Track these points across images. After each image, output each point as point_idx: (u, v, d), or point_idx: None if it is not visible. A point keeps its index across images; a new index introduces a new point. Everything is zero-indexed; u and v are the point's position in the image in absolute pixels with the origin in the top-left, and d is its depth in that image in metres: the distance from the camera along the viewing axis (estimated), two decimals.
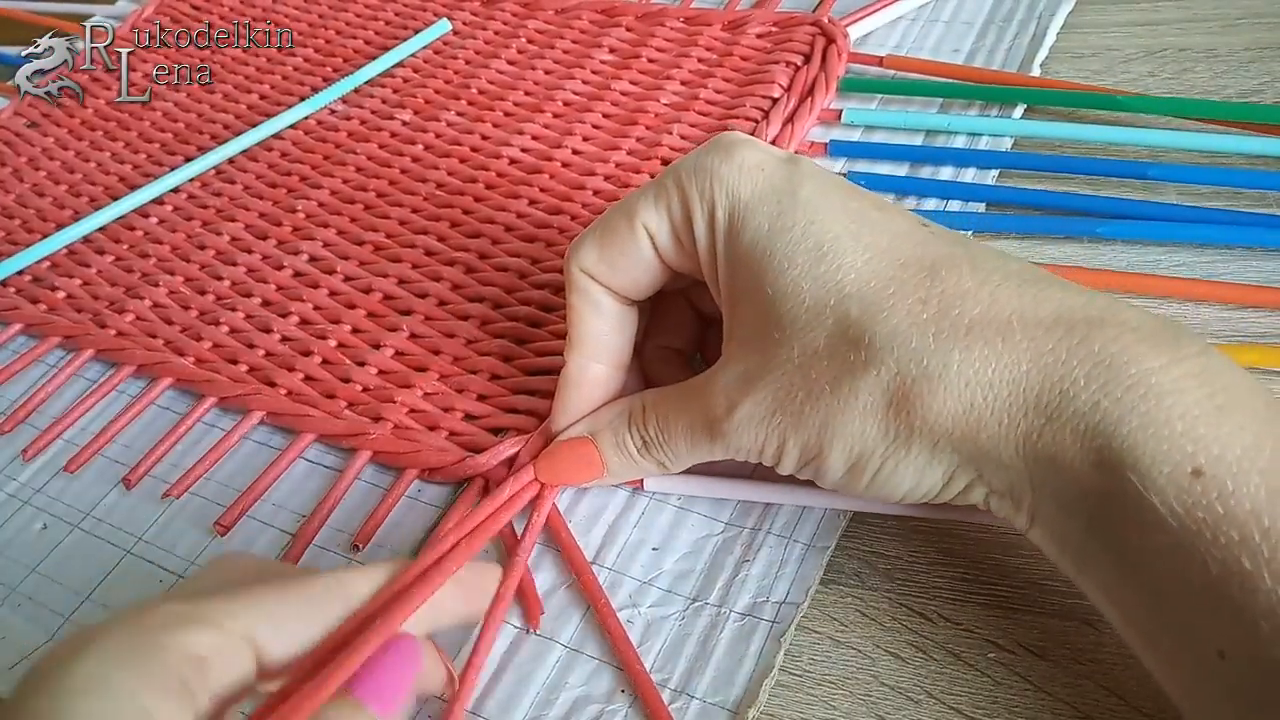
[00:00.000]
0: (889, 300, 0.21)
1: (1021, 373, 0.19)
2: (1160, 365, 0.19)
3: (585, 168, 0.37)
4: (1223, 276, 0.29)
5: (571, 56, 0.42)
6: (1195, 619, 0.18)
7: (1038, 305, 0.20)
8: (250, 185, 0.40)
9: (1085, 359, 0.19)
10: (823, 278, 0.22)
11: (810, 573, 0.25)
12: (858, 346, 0.21)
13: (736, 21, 0.41)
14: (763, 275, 0.22)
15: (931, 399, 0.20)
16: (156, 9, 0.51)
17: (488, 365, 0.31)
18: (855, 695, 0.23)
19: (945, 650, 0.23)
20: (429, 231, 0.36)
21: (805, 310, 0.22)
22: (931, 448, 0.20)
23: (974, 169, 0.34)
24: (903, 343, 0.20)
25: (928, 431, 0.20)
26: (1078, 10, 0.39)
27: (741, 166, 0.24)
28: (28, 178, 0.43)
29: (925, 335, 0.20)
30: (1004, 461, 0.20)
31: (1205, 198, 0.32)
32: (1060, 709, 0.22)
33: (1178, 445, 0.18)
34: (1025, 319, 0.20)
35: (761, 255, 0.23)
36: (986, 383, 0.20)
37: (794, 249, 0.22)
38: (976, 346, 0.20)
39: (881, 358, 0.20)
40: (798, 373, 0.22)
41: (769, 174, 0.23)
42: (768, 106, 0.37)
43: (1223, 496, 0.17)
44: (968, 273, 0.21)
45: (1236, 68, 0.36)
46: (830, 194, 0.23)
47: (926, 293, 0.21)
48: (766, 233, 0.23)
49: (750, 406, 0.22)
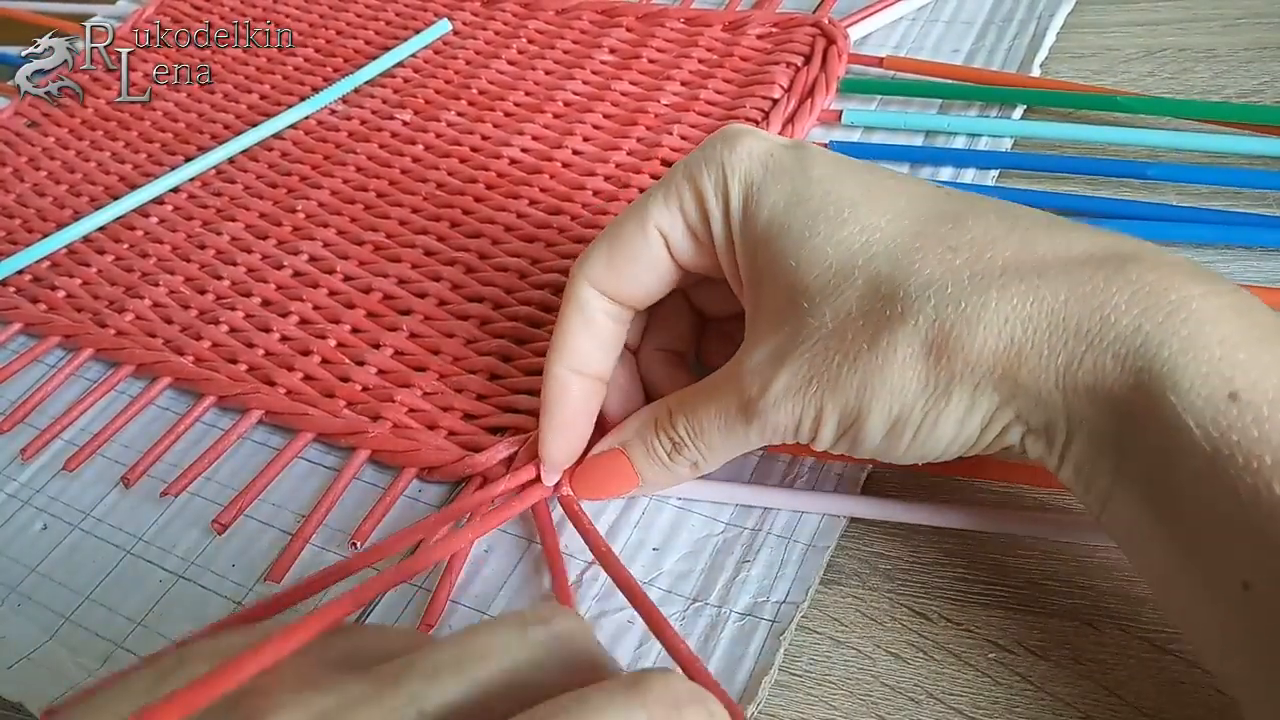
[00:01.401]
0: (918, 252, 0.21)
1: (1060, 303, 0.19)
2: (1200, 293, 0.19)
3: (585, 168, 0.37)
4: (1223, 276, 0.29)
5: (572, 57, 0.42)
6: (1220, 550, 0.18)
7: (1070, 244, 0.20)
8: (250, 185, 0.40)
9: (1124, 286, 0.19)
10: (846, 241, 0.22)
11: (810, 572, 0.25)
12: (892, 301, 0.21)
13: (737, 22, 0.41)
14: (784, 249, 0.22)
15: (971, 340, 0.20)
16: (157, 9, 0.51)
17: (487, 365, 0.31)
18: (855, 695, 0.23)
19: (946, 650, 0.23)
20: (429, 231, 0.36)
21: (833, 275, 0.22)
22: (972, 391, 0.20)
23: (974, 169, 0.34)
24: (939, 289, 0.20)
25: (969, 374, 0.20)
26: (1077, 11, 0.39)
27: (750, 153, 0.24)
28: (28, 177, 0.43)
29: (960, 279, 0.20)
30: (1043, 396, 0.20)
31: (1205, 198, 0.32)
32: (1061, 709, 0.22)
33: (1216, 369, 0.18)
34: (1060, 256, 0.20)
35: (780, 230, 0.23)
36: (1025, 316, 0.20)
37: (814, 218, 0.22)
38: (1013, 284, 0.20)
39: (919, 307, 0.20)
40: (832, 337, 0.21)
41: (778, 158, 0.24)
42: (768, 107, 0.37)
43: (1258, 421, 0.17)
44: (994, 220, 0.21)
45: (1236, 68, 0.36)
46: (842, 168, 0.23)
47: (956, 240, 0.21)
48: (784, 208, 0.23)
49: (786, 379, 0.22)
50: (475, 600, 0.26)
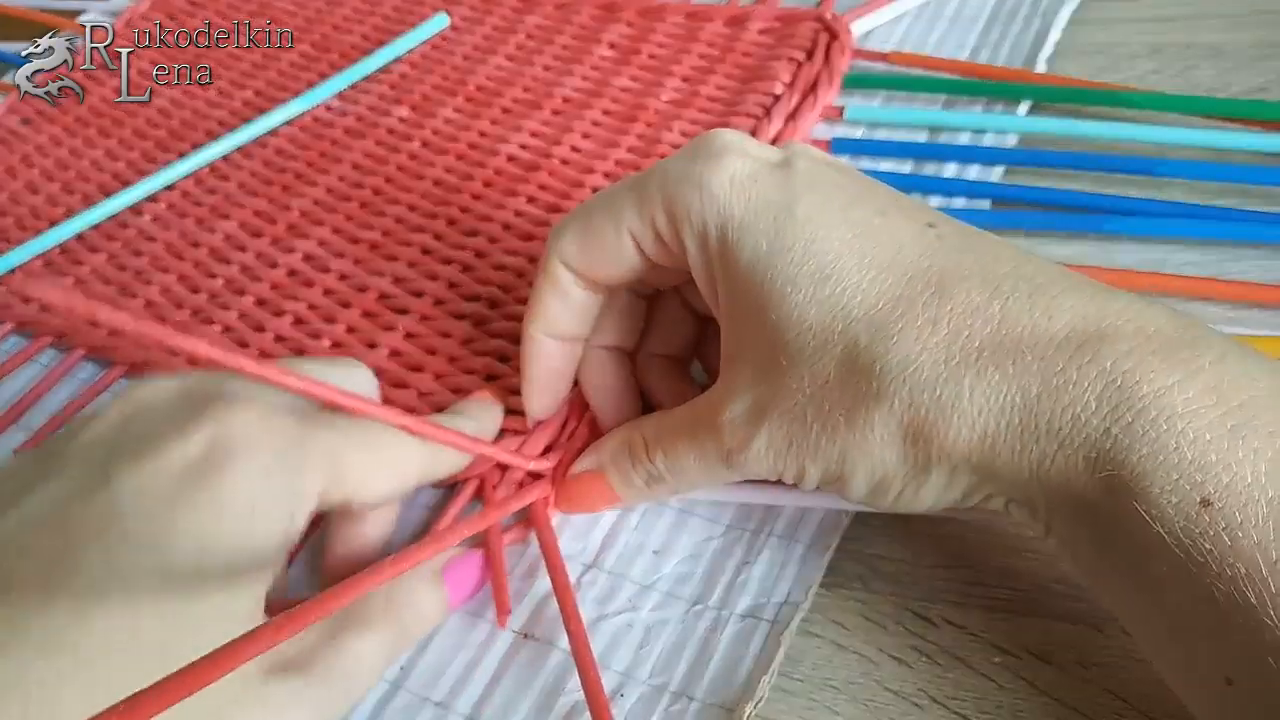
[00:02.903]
0: (897, 324, 0.20)
1: (1033, 397, 0.19)
2: (1174, 383, 0.18)
3: (584, 165, 0.36)
4: (1231, 273, 0.29)
5: (570, 52, 0.41)
6: (1202, 645, 0.17)
7: (1050, 318, 0.19)
8: (245, 182, 0.39)
9: (1097, 379, 0.18)
10: (827, 302, 0.21)
11: (811, 573, 0.25)
12: (869, 376, 0.20)
13: (738, 17, 0.40)
14: (764, 300, 0.22)
15: (946, 429, 0.19)
16: (152, 5, 0.50)
17: (484, 365, 0.31)
18: (858, 700, 0.23)
19: (949, 655, 0.23)
20: (425, 229, 0.35)
21: (812, 337, 0.21)
22: (950, 471, 0.20)
23: (979, 166, 0.33)
24: (914, 372, 0.20)
25: (945, 459, 0.20)
26: (1083, 6, 0.39)
27: (732, 179, 0.22)
28: (21, 175, 0.43)
29: (937, 362, 0.20)
30: (1019, 483, 0.19)
31: (1213, 194, 0.31)
32: (1065, 714, 0.22)
33: (1187, 475, 0.17)
34: (1037, 336, 0.19)
35: (761, 278, 0.22)
36: (999, 409, 0.19)
37: (795, 271, 0.21)
38: (988, 371, 0.19)
39: (894, 389, 0.20)
40: (810, 404, 0.21)
41: (762, 186, 0.22)
42: (770, 103, 0.36)
43: (1230, 528, 0.17)
44: (976, 286, 0.20)
45: (1243, 64, 0.35)
46: (829, 203, 0.22)
47: (936, 312, 0.20)
48: (765, 253, 0.22)
49: (765, 439, 0.22)
50: (474, 602, 0.26)
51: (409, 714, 0.24)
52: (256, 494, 0.21)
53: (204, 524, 0.20)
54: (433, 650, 0.25)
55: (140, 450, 0.21)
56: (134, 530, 0.20)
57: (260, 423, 0.22)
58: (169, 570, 0.19)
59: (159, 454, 0.21)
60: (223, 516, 0.20)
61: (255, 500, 0.21)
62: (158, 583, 0.19)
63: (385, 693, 0.24)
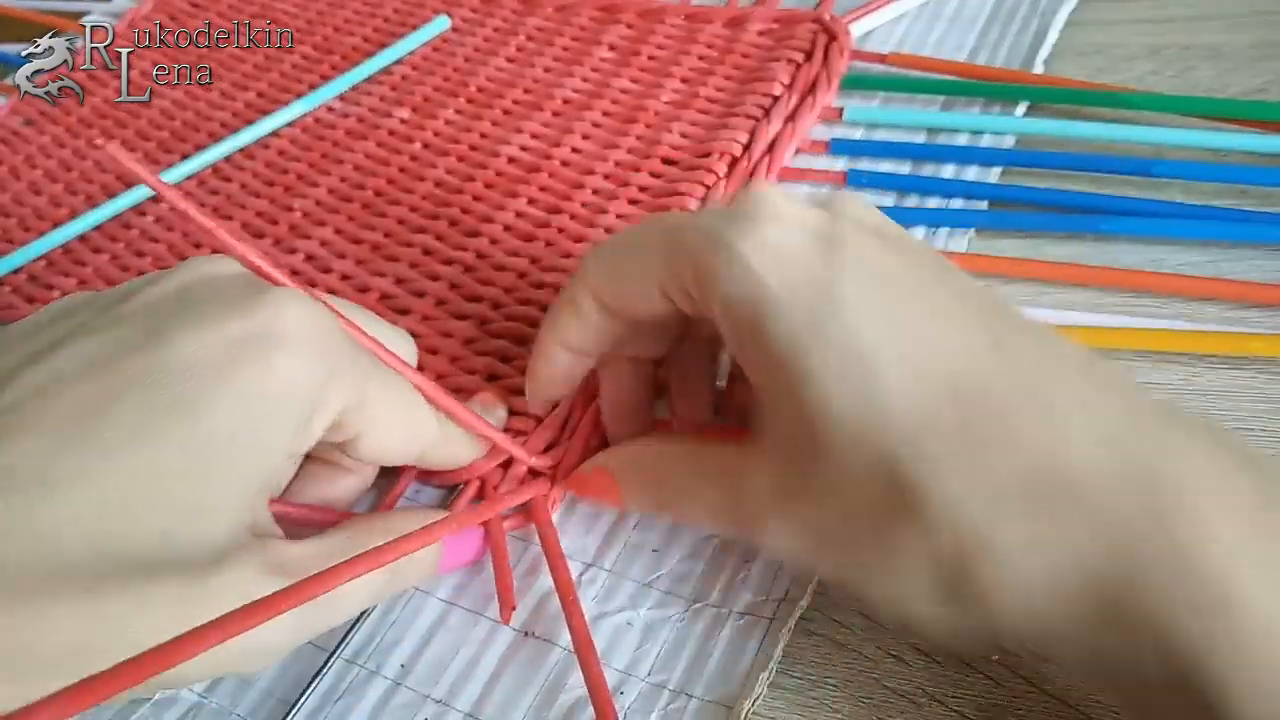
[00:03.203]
0: (942, 447, 0.18)
1: (1084, 553, 0.17)
2: (1250, 565, 0.16)
3: (584, 166, 0.36)
4: (1228, 274, 0.29)
5: (571, 54, 0.42)
6: None
7: (1106, 448, 0.18)
8: (247, 183, 0.40)
9: (1159, 542, 0.17)
10: (865, 403, 0.19)
11: (810, 571, 0.25)
12: (905, 499, 0.18)
13: (737, 19, 0.41)
14: (797, 381, 0.20)
15: (991, 578, 0.18)
16: (155, 6, 0.50)
17: (485, 365, 0.31)
18: (857, 698, 0.23)
19: (948, 652, 0.23)
20: (426, 230, 0.36)
21: (846, 436, 0.19)
22: (992, 634, 0.19)
23: (976, 166, 0.34)
24: (956, 506, 0.18)
25: (983, 614, 0.18)
26: (1081, 7, 0.39)
27: (767, 247, 0.20)
28: (24, 175, 0.43)
29: (983, 500, 0.18)
30: (1070, 661, 0.19)
31: (1210, 195, 0.31)
32: (1064, 712, 0.22)
33: (1277, 687, 0.16)
34: (1093, 471, 0.18)
35: (795, 360, 0.20)
36: (1049, 565, 0.17)
37: (832, 361, 0.19)
38: (1041, 516, 0.17)
39: (935, 522, 0.18)
40: (836, 509, 0.20)
41: (801, 260, 0.20)
42: (769, 104, 0.37)
43: None
44: (1031, 414, 0.18)
45: (1242, 65, 0.36)
46: (873, 294, 0.20)
47: (984, 434, 0.18)
48: (800, 335, 0.20)
49: (785, 529, 0.21)
50: (475, 600, 0.26)
51: (410, 711, 0.24)
52: (294, 382, 0.22)
53: (241, 399, 0.21)
54: (434, 647, 0.25)
55: (201, 317, 0.21)
56: (178, 392, 0.20)
57: (313, 323, 0.22)
58: (200, 436, 0.20)
59: (220, 324, 0.21)
60: (259, 398, 0.21)
61: (290, 389, 0.22)
62: (186, 445, 0.20)
63: (386, 690, 0.24)
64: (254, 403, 0.21)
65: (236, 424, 0.21)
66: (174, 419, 0.20)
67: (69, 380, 0.20)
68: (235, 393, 0.21)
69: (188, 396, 0.20)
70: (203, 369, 0.21)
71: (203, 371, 0.21)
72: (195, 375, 0.20)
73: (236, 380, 0.21)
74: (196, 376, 0.20)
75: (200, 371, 0.21)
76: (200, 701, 0.25)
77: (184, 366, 0.20)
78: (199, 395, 0.20)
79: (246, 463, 0.21)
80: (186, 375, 0.20)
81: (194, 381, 0.20)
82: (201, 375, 0.21)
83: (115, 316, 0.22)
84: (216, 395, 0.21)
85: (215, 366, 0.21)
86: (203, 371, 0.21)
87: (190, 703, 0.25)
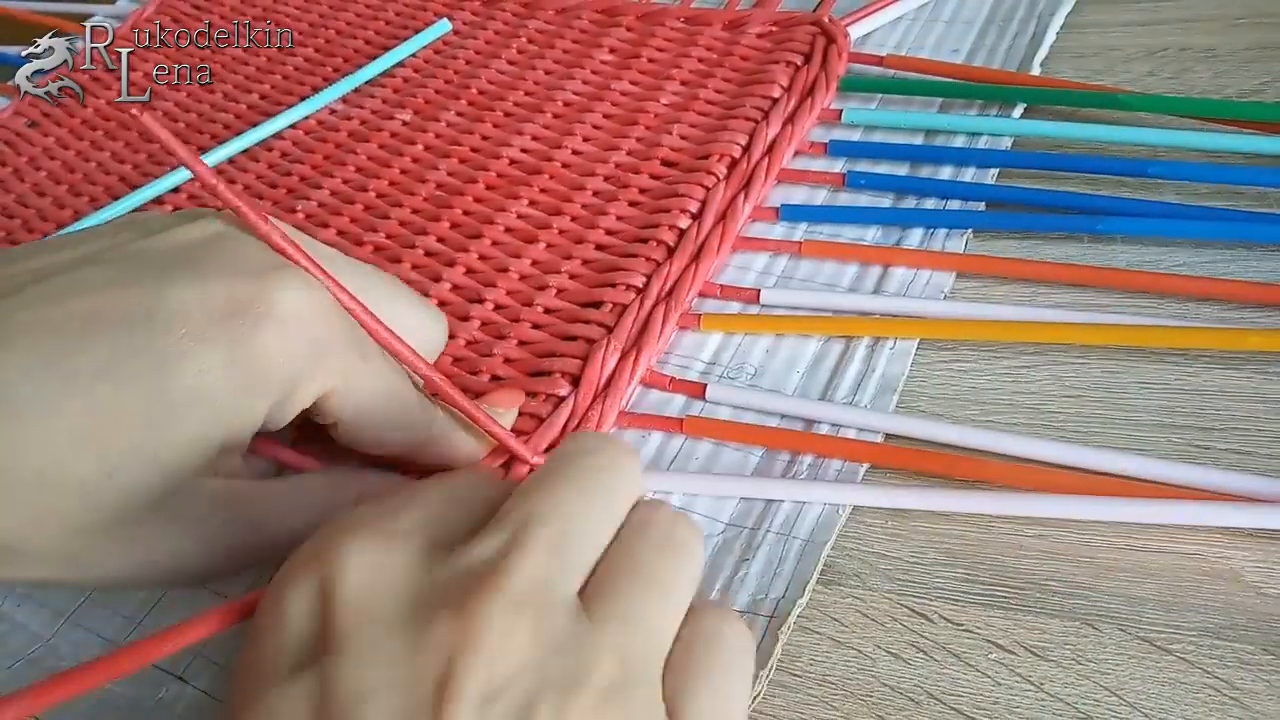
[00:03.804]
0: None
1: None
2: None
3: (585, 168, 0.37)
4: (1223, 274, 0.29)
5: (571, 56, 0.42)
6: None
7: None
8: (250, 185, 0.40)
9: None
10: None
11: (809, 568, 0.25)
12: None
13: (737, 21, 0.41)
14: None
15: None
16: (157, 9, 0.51)
17: (488, 367, 0.31)
18: (856, 696, 0.23)
19: (946, 651, 0.23)
20: (429, 231, 0.36)
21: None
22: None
23: (974, 168, 0.34)
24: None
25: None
26: (1078, 10, 0.39)
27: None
28: (28, 177, 0.43)
29: None
30: None
31: (1205, 196, 0.32)
32: (1062, 710, 0.22)
33: None
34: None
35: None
36: None
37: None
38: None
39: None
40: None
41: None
42: (768, 106, 0.37)
43: None
44: None
45: (1237, 67, 0.36)
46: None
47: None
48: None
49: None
50: None
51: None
52: (272, 359, 0.22)
53: (215, 364, 0.21)
54: None
55: (204, 275, 0.22)
56: (158, 342, 0.21)
57: (306, 305, 0.22)
58: (167, 390, 0.21)
59: (216, 286, 0.21)
60: (233, 367, 0.21)
61: (266, 365, 0.22)
62: (149, 396, 0.21)
63: None
64: (228, 371, 0.21)
65: (206, 387, 0.21)
66: (145, 366, 0.20)
67: (65, 301, 0.21)
68: (211, 356, 0.21)
69: (166, 349, 0.20)
70: (186, 325, 0.21)
71: (186, 327, 0.21)
72: (177, 329, 0.21)
73: (216, 345, 0.21)
74: (178, 331, 0.21)
75: (184, 327, 0.21)
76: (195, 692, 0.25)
77: (169, 318, 0.21)
78: (176, 350, 0.21)
79: (207, 425, 0.21)
80: (169, 327, 0.21)
81: (175, 335, 0.21)
82: (184, 331, 0.21)
83: (137, 250, 0.22)
84: (192, 354, 0.21)
85: (199, 326, 0.21)
86: (186, 327, 0.21)
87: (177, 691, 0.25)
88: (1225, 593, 0.23)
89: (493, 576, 0.17)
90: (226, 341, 0.21)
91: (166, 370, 0.20)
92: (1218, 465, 0.25)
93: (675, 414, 0.29)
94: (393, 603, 0.17)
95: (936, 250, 0.32)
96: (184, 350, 0.21)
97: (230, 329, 0.21)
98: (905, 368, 0.29)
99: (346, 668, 0.17)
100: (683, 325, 0.31)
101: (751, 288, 0.32)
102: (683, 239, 0.33)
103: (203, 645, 0.26)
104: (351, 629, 0.17)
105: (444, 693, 0.16)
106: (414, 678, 0.16)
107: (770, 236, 0.34)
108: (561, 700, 0.17)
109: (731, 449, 0.28)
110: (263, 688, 0.17)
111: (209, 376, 0.21)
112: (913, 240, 0.32)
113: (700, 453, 0.28)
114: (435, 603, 0.17)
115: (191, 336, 0.21)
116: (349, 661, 0.17)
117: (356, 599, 0.17)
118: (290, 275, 0.22)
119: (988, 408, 0.28)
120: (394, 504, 0.20)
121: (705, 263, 0.32)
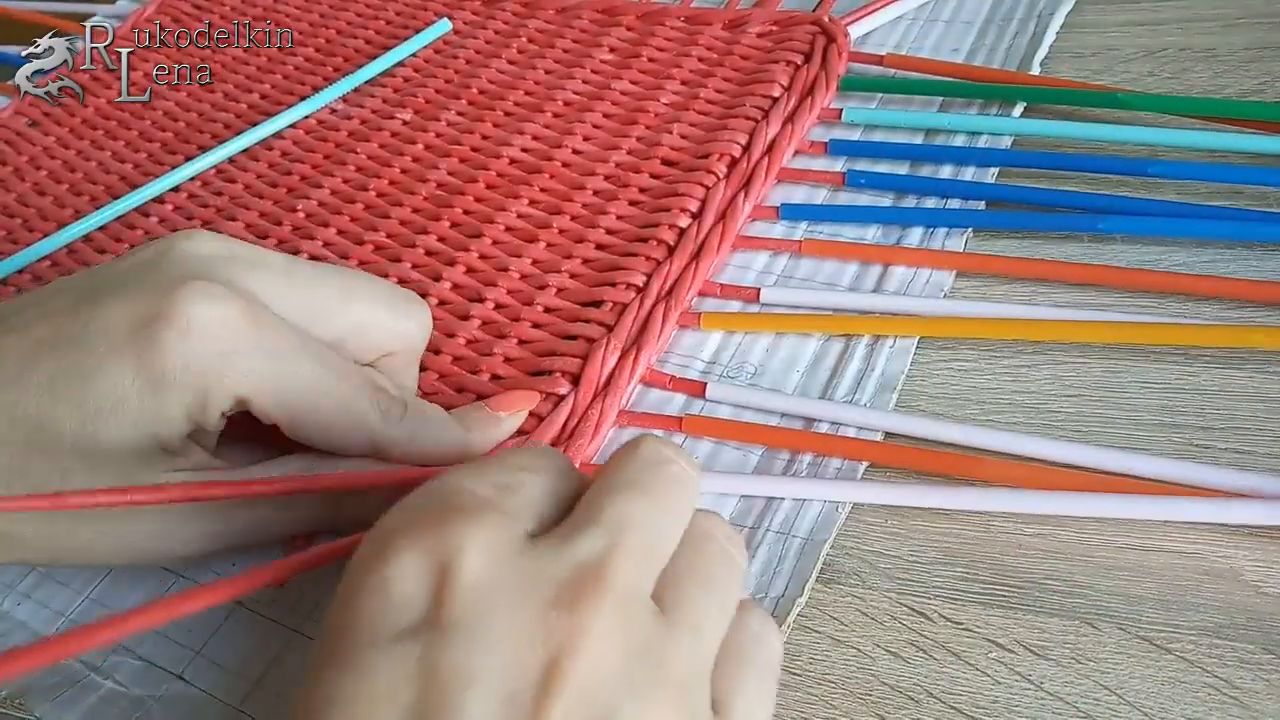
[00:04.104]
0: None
1: None
2: None
3: (586, 167, 0.37)
4: (1223, 273, 0.29)
5: (572, 56, 0.42)
6: None
7: None
8: (251, 184, 0.40)
9: None
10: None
11: (808, 566, 0.25)
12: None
13: (737, 21, 0.41)
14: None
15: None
16: (157, 8, 0.51)
17: (488, 366, 0.31)
18: (855, 695, 0.23)
19: (946, 650, 0.23)
20: (429, 231, 0.36)
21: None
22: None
23: (974, 167, 0.34)
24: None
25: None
26: (1078, 10, 0.39)
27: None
28: (29, 176, 0.43)
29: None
30: None
31: (1205, 195, 0.32)
32: (1061, 709, 0.22)
33: None
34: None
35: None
36: None
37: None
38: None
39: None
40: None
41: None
42: (768, 106, 0.37)
43: None
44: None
45: (1236, 67, 0.36)
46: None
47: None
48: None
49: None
50: None
51: None
52: (178, 366, 0.23)
53: (128, 374, 0.23)
54: None
55: (126, 293, 0.24)
56: (82, 359, 0.23)
57: (212, 314, 0.23)
58: (90, 401, 0.23)
59: (133, 301, 0.23)
60: (145, 375, 0.23)
61: (175, 372, 0.23)
62: (77, 407, 0.23)
63: None
64: (140, 379, 0.23)
65: (120, 394, 0.23)
66: (76, 379, 0.23)
67: (32, 328, 0.24)
68: (126, 367, 0.23)
69: (89, 364, 0.23)
70: (106, 340, 0.23)
71: (106, 343, 0.23)
72: (100, 345, 0.23)
73: (126, 356, 0.23)
74: (101, 347, 0.23)
75: (104, 342, 0.23)
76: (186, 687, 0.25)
77: (95, 335, 0.23)
78: (98, 364, 0.23)
79: (127, 428, 0.23)
80: (95, 343, 0.23)
81: (99, 351, 0.23)
82: (104, 346, 0.23)
83: (103, 276, 0.25)
84: (108, 366, 0.23)
85: (119, 340, 0.23)
86: (106, 343, 0.23)
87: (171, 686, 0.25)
88: (1225, 592, 0.23)
89: (600, 578, 0.18)
90: (135, 351, 0.23)
91: (90, 382, 0.23)
92: (1218, 464, 0.25)
93: (675, 413, 0.29)
94: (508, 590, 0.18)
95: (936, 249, 0.32)
96: (103, 364, 0.23)
97: (138, 340, 0.23)
98: (905, 366, 0.29)
99: (456, 646, 0.17)
100: (683, 324, 0.32)
101: (751, 286, 0.32)
102: (683, 238, 0.33)
103: (203, 645, 0.26)
104: (467, 610, 0.17)
105: (547, 686, 0.17)
106: (520, 668, 0.17)
107: (770, 235, 0.34)
108: (642, 701, 0.17)
109: (731, 448, 0.28)
110: (361, 645, 0.18)
111: (122, 385, 0.23)
112: (912, 239, 0.32)
113: (700, 451, 0.28)
114: (548, 595, 0.18)
115: (111, 350, 0.23)
116: (459, 640, 0.17)
117: (476, 582, 0.18)
118: (195, 286, 0.23)
119: (987, 406, 0.28)
120: (501, 480, 0.20)
121: (705, 262, 0.32)
